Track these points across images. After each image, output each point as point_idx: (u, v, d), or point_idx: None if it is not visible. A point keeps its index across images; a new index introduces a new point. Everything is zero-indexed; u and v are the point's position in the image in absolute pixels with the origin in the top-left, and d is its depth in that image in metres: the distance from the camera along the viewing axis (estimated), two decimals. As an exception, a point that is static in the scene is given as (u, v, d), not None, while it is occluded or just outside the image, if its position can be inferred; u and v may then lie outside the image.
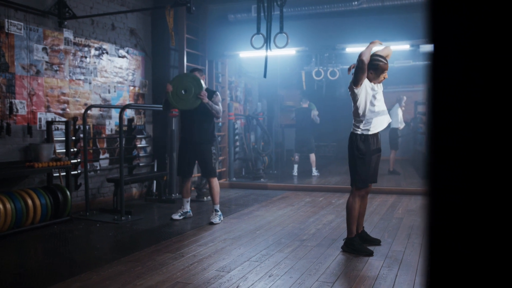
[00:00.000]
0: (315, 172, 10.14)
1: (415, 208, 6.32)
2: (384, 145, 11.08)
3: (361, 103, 4.12)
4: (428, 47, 0.32)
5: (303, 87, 11.39)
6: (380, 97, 4.19)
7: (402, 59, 11.17)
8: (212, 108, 5.41)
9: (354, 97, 4.16)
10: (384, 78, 4.22)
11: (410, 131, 12.98)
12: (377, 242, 4.46)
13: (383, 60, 4.18)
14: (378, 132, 4.23)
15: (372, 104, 4.13)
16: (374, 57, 4.17)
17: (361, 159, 4.13)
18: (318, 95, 10.67)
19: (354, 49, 7.54)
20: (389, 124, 10.32)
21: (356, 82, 4.10)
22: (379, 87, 4.23)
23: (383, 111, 4.19)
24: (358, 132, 4.14)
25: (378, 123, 4.15)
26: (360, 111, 4.13)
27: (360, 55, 4.04)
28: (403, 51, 9.25)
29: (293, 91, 13.29)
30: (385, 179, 9.34)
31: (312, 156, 10.19)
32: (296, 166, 10.17)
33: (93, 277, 3.55)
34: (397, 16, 7.16)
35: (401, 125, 10.49)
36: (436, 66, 0.32)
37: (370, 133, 4.14)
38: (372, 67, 4.14)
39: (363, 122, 4.13)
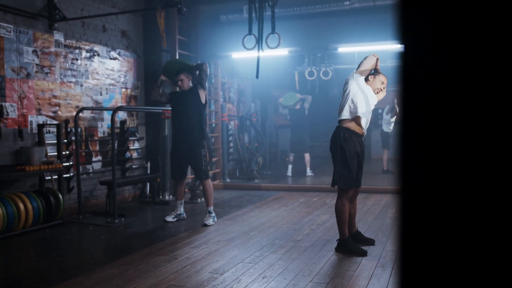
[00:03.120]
0: (309, 172, 10.13)
1: (409, 207, 6.32)
2: (377, 145, 11.09)
3: (351, 91, 4.13)
4: (398, 47, 0.30)
5: (296, 87, 11.39)
6: (372, 102, 4.22)
7: (396, 58, 11.19)
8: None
9: (348, 87, 4.18)
10: (380, 90, 4.30)
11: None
12: (371, 242, 4.45)
13: (384, 76, 4.32)
14: (362, 136, 4.24)
15: (363, 103, 4.14)
16: (379, 71, 4.36)
17: (342, 159, 4.13)
18: (311, 95, 10.64)
19: (346, 49, 7.54)
20: (379, 125, 10.18)
21: (359, 66, 4.26)
22: (373, 97, 4.27)
23: (369, 113, 4.21)
24: (344, 125, 4.14)
25: (364, 121, 4.16)
26: (351, 102, 4.12)
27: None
28: (397, 50, 9.29)
29: (286, 92, 13.29)
30: (379, 179, 9.36)
31: (307, 156, 10.18)
32: (290, 167, 10.16)
33: (84, 281, 3.52)
34: (388, 15, 7.17)
35: (391, 129, 10.65)
36: (406, 65, 0.31)
37: (352, 128, 4.15)
38: (374, 73, 4.31)
39: (350, 115, 4.13)
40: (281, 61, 10.96)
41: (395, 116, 10.56)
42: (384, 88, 4.35)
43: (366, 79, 4.29)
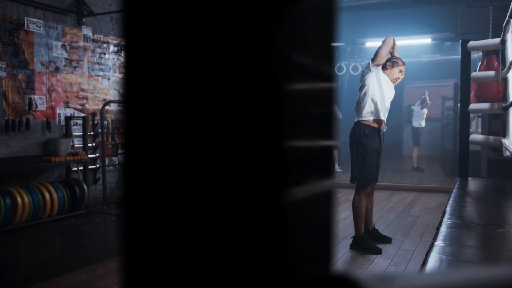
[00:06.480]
0: (337, 168, 10.04)
1: (433, 206, 6.18)
2: (409, 142, 10.88)
3: (369, 88, 4.03)
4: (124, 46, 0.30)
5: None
6: (389, 95, 4.13)
7: (429, 53, 10.94)
8: None
9: (365, 80, 4.08)
10: (398, 79, 4.18)
11: (437, 128, 12.72)
12: (387, 240, 4.38)
13: (402, 61, 4.19)
14: (381, 130, 4.16)
15: (382, 96, 4.06)
16: (395, 56, 4.21)
17: (363, 156, 4.06)
18: (340, 90, 10.54)
19: (373, 44, 7.40)
20: (411, 121, 9.96)
21: (376, 55, 4.05)
22: (392, 90, 4.18)
23: (387, 108, 4.12)
24: (363, 119, 4.06)
25: (383, 115, 4.07)
26: (369, 95, 4.04)
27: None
28: (430, 45, 9.06)
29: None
30: (408, 176, 9.18)
31: (335, 152, 10.09)
32: (318, 162, 10.09)
33: (99, 269, 3.63)
34: (417, 9, 7.00)
35: (423, 124, 10.40)
36: (130, 62, 0.31)
37: (374, 124, 4.06)
38: (391, 60, 4.16)
39: (368, 108, 4.05)
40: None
41: (426, 109, 10.31)
42: (402, 76, 4.21)
43: (384, 67, 4.15)
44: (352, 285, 0.32)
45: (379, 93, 4.05)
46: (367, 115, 4.06)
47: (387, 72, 4.15)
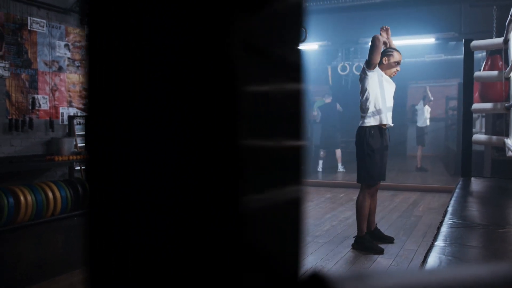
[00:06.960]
0: (340, 168, 10.03)
1: (437, 206, 6.17)
2: (413, 142, 10.85)
3: (370, 93, 4.01)
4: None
5: (329, 82, 11.29)
6: (390, 92, 4.10)
7: (433, 53, 10.90)
8: None
9: (364, 84, 4.05)
10: (397, 71, 4.15)
11: (441, 127, 12.68)
12: (390, 240, 4.37)
13: (398, 51, 4.14)
14: (386, 128, 4.14)
15: (383, 97, 4.04)
16: (390, 48, 4.17)
17: (369, 155, 4.04)
18: (344, 90, 10.53)
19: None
20: (415, 121, 9.95)
21: (369, 62, 3.98)
22: (392, 86, 4.15)
23: (390, 108, 4.10)
24: (366, 125, 4.04)
25: (385, 117, 4.05)
26: (370, 100, 4.01)
27: (375, 36, 4.02)
28: (434, 44, 9.02)
29: (321, 87, 13.18)
30: (411, 176, 9.16)
31: (338, 152, 10.09)
32: (321, 162, 10.09)
33: (101, 268, 3.64)
34: (421, 9, 6.98)
35: (427, 123, 10.35)
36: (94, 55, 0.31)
37: (378, 125, 4.04)
38: (386, 54, 4.10)
39: (371, 113, 4.03)
40: (314, 55, 10.88)
41: (428, 106, 10.27)
42: (399, 66, 4.17)
43: (380, 63, 4.09)
44: (324, 284, 0.32)
45: (380, 95, 4.03)
46: (371, 120, 4.04)
47: (384, 69, 4.09)
